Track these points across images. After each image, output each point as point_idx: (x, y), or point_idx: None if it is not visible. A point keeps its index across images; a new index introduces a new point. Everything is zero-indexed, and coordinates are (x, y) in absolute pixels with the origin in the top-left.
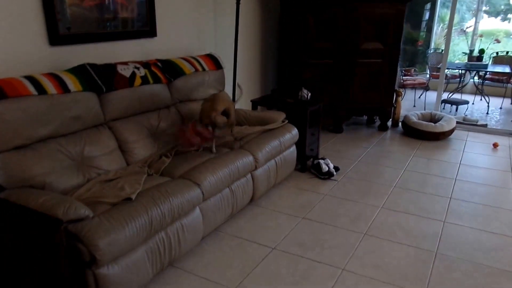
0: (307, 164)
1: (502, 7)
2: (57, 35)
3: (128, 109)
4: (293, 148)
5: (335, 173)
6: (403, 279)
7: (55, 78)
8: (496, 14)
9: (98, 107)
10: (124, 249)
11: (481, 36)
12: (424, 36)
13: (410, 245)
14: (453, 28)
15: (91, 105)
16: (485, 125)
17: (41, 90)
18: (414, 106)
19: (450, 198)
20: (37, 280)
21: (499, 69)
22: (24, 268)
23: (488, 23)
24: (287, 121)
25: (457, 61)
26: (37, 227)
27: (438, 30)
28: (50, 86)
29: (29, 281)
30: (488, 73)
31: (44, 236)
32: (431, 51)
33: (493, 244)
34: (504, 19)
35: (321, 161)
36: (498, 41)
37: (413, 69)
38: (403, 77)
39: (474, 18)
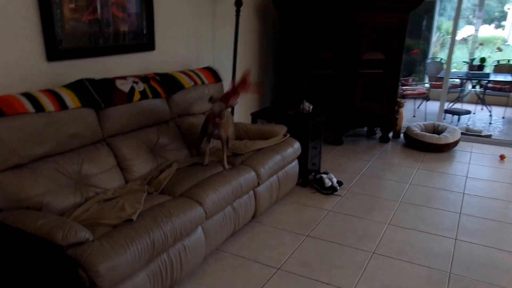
0: (309, 178)
1: (496, 14)
2: (54, 50)
3: (127, 125)
4: (295, 162)
5: (338, 188)
6: None
7: (53, 94)
8: (489, 21)
9: (96, 123)
10: (125, 274)
11: (482, 44)
12: (421, 45)
13: (422, 265)
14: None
15: (89, 121)
16: (490, 136)
17: (38, 107)
18: (414, 116)
19: (460, 213)
20: None
21: (501, 78)
22: None
23: (482, 31)
24: (288, 134)
25: (454, 70)
26: (36, 253)
27: (434, 38)
28: (47, 103)
29: None
30: (489, 82)
31: (43, 262)
32: (429, 60)
33: (508, 264)
34: (498, 26)
35: (324, 176)
36: (500, 50)
37: (411, 79)
38: (403, 87)
39: (471, 26)
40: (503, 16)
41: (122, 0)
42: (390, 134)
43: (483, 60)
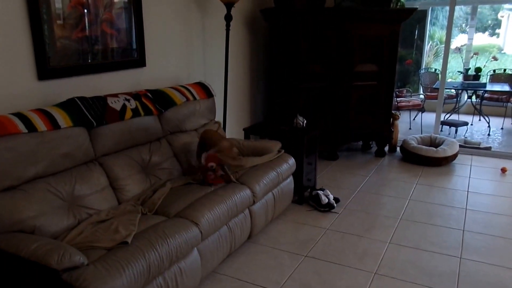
0: (305, 195)
1: (489, 22)
2: (46, 69)
3: (119, 143)
4: (290, 178)
5: (335, 204)
6: None
7: (45, 114)
8: (483, 30)
9: (88, 142)
10: None
11: (476, 53)
12: (414, 55)
13: (426, 286)
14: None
15: (81, 141)
16: (489, 148)
17: (31, 127)
18: (410, 128)
19: (464, 230)
20: None
21: (497, 87)
22: None
23: (477, 39)
24: (283, 150)
25: (449, 80)
26: (31, 278)
27: (427, 48)
28: (40, 123)
29: None
30: (486, 92)
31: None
32: (423, 71)
33: None
34: (492, 34)
35: (320, 192)
36: (496, 59)
37: (405, 90)
38: (397, 99)
39: (465, 35)
40: (497, 24)
41: (112, 16)
42: (386, 148)
43: (478, 69)
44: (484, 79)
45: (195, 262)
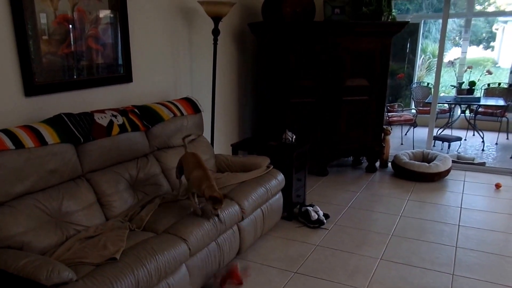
0: (294, 211)
1: (484, 34)
2: (32, 85)
3: (106, 159)
4: (279, 195)
5: (325, 221)
6: None
7: (32, 130)
8: (478, 43)
9: (75, 159)
10: None
11: (470, 67)
12: (405, 69)
13: None
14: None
15: (68, 157)
16: (483, 164)
17: (18, 143)
18: (402, 144)
19: (456, 246)
20: None
21: (492, 102)
22: None
23: (471, 52)
24: (272, 166)
25: (442, 94)
26: None
27: (420, 62)
28: (27, 139)
29: None
30: (480, 106)
31: None
32: (415, 85)
33: None
34: (486, 47)
35: (310, 208)
36: (490, 73)
37: (397, 105)
38: (389, 114)
39: (458, 48)
40: (492, 37)
41: (97, 32)
42: (377, 164)
43: (472, 83)
44: (478, 93)
45: (184, 278)
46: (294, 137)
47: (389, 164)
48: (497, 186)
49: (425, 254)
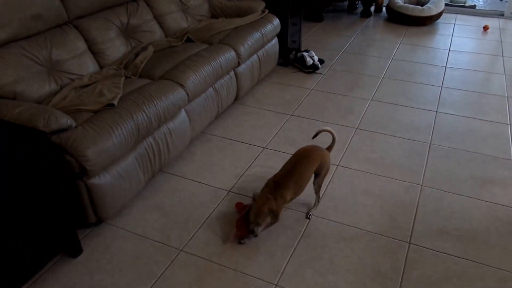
0: (290, 57)
1: None
2: None
3: (93, 3)
4: (275, 40)
5: (320, 66)
6: (398, 171)
7: None
8: None
9: (59, 3)
10: (113, 158)
11: None
12: None
13: (404, 138)
14: None
15: (50, 1)
16: (474, 6)
17: None
18: None
19: (442, 86)
20: (30, 196)
21: None
22: (13, 185)
23: None
24: (267, 10)
25: None
26: (19, 140)
27: None
28: None
29: (23, 197)
30: None
31: (27, 149)
32: None
33: (486, 132)
34: None
35: (305, 54)
36: None
37: None
38: None
39: None
40: None
41: None
42: (372, 8)
43: None
44: None
45: (184, 122)
46: None
47: (384, 9)
48: (485, 28)
49: (413, 94)
